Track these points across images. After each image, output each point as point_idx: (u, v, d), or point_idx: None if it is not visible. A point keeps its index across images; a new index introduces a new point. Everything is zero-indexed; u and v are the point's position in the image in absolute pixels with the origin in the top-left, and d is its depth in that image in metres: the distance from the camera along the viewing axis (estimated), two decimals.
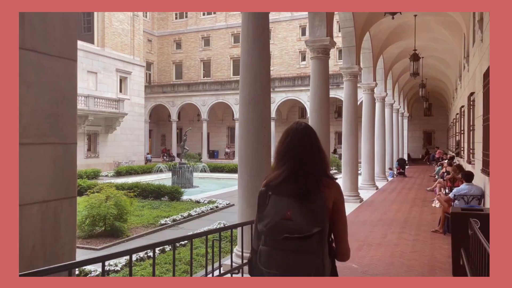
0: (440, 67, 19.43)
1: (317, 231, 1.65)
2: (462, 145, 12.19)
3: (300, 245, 1.64)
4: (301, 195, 1.71)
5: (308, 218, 1.66)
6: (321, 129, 8.33)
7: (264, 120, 5.27)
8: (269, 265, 1.68)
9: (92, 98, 23.96)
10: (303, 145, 1.82)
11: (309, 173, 1.77)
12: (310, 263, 1.64)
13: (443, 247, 6.39)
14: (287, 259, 1.64)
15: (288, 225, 1.66)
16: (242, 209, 5.31)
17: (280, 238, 1.66)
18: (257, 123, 5.21)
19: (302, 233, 1.63)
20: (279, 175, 1.81)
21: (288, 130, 1.90)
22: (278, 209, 1.71)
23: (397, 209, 10.12)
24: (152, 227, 9.16)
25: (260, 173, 5.21)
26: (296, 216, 1.66)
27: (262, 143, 5.24)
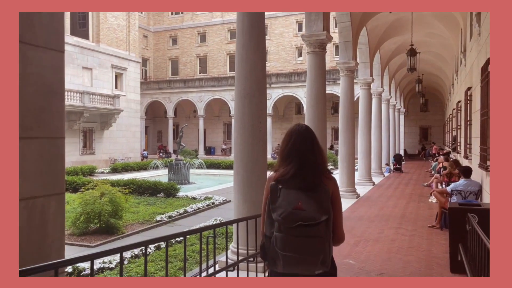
0: (437, 62, 19.40)
1: (325, 219, 1.94)
2: (458, 140, 12.16)
3: (311, 231, 1.91)
4: (308, 188, 1.99)
5: (317, 207, 1.94)
6: (318, 125, 8.26)
7: (260, 114, 5.19)
8: (285, 248, 1.93)
9: (88, 94, 23.78)
10: (306, 145, 2.09)
11: (314, 169, 2.05)
12: (320, 246, 1.92)
13: (440, 242, 6.36)
14: (300, 243, 1.91)
15: (300, 214, 1.92)
16: (238, 205, 5.24)
17: (294, 226, 1.92)
18: (253, 118, 5.14)
19: (313, 220, 1.91)
20: (287, 172, 2.06)
21: (291, 132, 2.16)
22: (290, 201, 1.96)
23: (394, 204, 10.10)
24: (148, 224, 9.09)
25: (256, 168, 5.15)
26: (306, 206, 1.93)
27: (258, 138, 5.17)
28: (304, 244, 1.92)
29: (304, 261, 1.93)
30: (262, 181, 5.24)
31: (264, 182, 5.23)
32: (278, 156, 2.18)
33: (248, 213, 5.12)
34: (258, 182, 5.16)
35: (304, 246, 1.92)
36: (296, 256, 1.92)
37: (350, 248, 5.96)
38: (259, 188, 5.18)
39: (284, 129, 38.74)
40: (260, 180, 5.20)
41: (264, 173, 5.31)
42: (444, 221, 7.25)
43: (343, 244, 5.23)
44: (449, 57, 16.69)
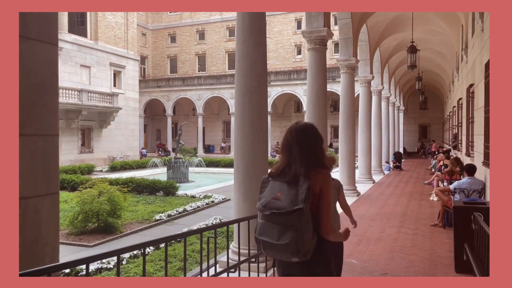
0: (436, 60, 19.31)
1: (296, 209, 2.00)
2: (459, 138, 12.09)
3: (282, 219, 2.03)
4: (290, 181, 2.10)
5: (291, 198, 2.04)
6: (319, 122, 8.16)
7: (261, 111, 5.09)
8: (261, 233, 2.11)
9: (86, 92, 23.63)
10: (297, 141, 2.19)
11: (300, 164, 2.14)
12: (289, 233, 2.01)
13: (443, 241, 6.28)
14: (272, 229, 2.05)
15: (276, 203, 2.07)
16: (239, 203, 5.15)
17: (268, 213, 2.08)
18: (254, 115, 5.04)
19: (283, 209, 2.03)
20: (278, 166, 2.24)
21: (288, 129, 2.29)
22: (272, 191, 2.13)
23: (395, 202, 10.02)
24: (147, 223, 8.99)
25: (257, 166, 5.05)
26: (284, 197, 2.06)
27: (259, 135, 5.07)
28: (275, 230, 2.06)
29: (276, 247, 2.06)
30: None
31: None
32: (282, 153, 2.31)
33: (249, 212, 5.02)
34: (259, 180, 5.06)
35: (275, 233, 2.06)
36: (270, 242, 2.07)
37: (352, 247, 5.87)
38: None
39: (284, 127, 38.66)
40: (261, 178, 5.09)
41: (265, 171, 5.22)
42: (446, 219, 7.18)
43: (345, 243, 5.17)
44: (449, 54, 16.61)
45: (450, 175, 9.93)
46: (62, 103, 22.11)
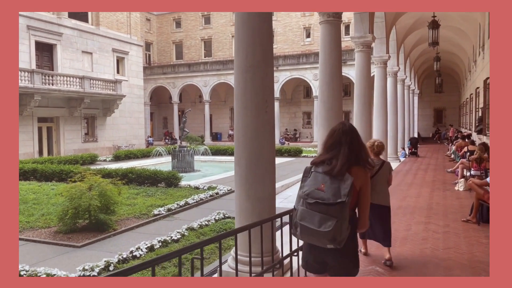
0: (455, 38, 18.08)
1: (340, 202, 2.23)
2: (487, 122, 11.08)
3: (324, 209, 2.25)
4: (333, 174, 2.32)
5: (334, 191, 2.26)
6: (333, 104, 7.24)
7: (266, 91, 4.20)
8: (302, 218, 2.31)
9: (88, 79, 22.85)
10: (344, 141, 2.41)
11: (345, 161, 2.35)
12: (330, 222, 2.21)
13: (481, 241, 5.39)
14: (314, 217, 2.26)
15: (319, 194, 2.29)
16: (241, 201, 4.31)
17: (312, 202, 2.29)
18: (257, 96, 4.15)
19: (328, 201, 2.25)
20: (322, 159, 2.42)
21: (333, 129, 2.53)
22: (315, 182, 2.34)
23: (417, 193, 9.10)
24: (144, 218, 8.23)
25: (262, 157, 4.19)
26: (327, 189, 2.28)
27: (264, 121, 4.19)
28: (316, 218, 2.22)
29: (315, 233, 2.22)
30: (269, 173, 4.29)
31: (272, 173, 4.26)
32: (321, 148, 2.57)
33: (253, 213, 4.19)
34: (265, 174, 4.21)
35: (316, 220, 2.22)
36: (310, 228, 2.23)
37: (375, 249, 5.00)
38: (266, 181, 4.25)
39: (292, 113, 37.66)
40: (267, 171, 4.25)
41: (272, 163, 4.36)
42: (481, 214, 6.27)
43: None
44: (470, 30, 15.40)
45: (478, 163, 8.97)
46: (64, 90, 21.41)
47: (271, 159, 4.33)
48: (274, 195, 4.48)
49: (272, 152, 4.36)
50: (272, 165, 4.34)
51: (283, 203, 9.58)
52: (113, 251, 6.20)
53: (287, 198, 10.13)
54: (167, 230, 7.14)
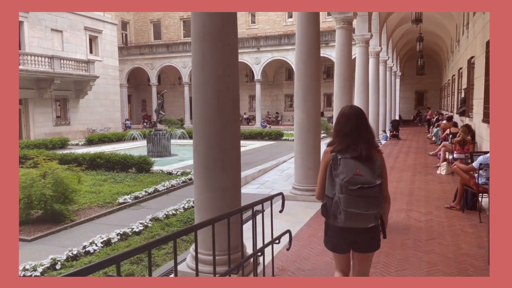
0: (439, 18, 17.64)
1: (379, 183, 2.38)
2: (470, 103, 10.75)
3: (369, 192, 2.35)
4: (363, 158, 2.42)
5: (371, 174, 2.39)
6: (311, 83, 6.70)
7: (229, 64, 3.61)
8: (348, 206, 2.36)
9: (58, 59, 21.64)
10: (361, 124, 2.52)
11: (367, 143, 2.48)
12: (375, 204, 2.38)
13: (466, 231, 5.00)
14: (361, 201, 2.35)
15: (359, 179, 2.36)
16: (200, 193, 3.75)
17: (355, 188, 2.35)
18: (217, 69, 3.55)
19: (370, 184, 2.36)
20: (346, 146, 2.47)
21: (347, 114, 2.55)
22: (349, 168, 2.39)
23: (398, 178, 8.73)
24: (109, 207, 7.62)
25: (224, 142, 3.62)
26: (363, 172, 2.38)
27: (226, 98, 3.61)
28: (363, 202, 2.35)
29: (363, 216, 2.36)
30: (233, 159, 3.73)
31: (236, 159, 3.70)
32: (334, 132, 2.59)
33: (213, 206, 3.64)
34: (228, 160, 3.65)
35: (363, 204, 2.35)
36: (357, 212, 2.35)
37: None
38: (229, 168, 3.69)
39: (274, 96, 37.00)
40: (231, 157, 3.69)
41: (236, 147, 3.80)
42: (465, 201, 5.89)
43: None
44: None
45: (461, 145, 8.62)
46: (31, 71, 20.22)
47: (235, 143, 3.77)
48: (239, 184, 3.94)
49: (237, 135, 3.80)
50: (236, 149, 3.78)
51: (260, 189, 9.09)
52: (67, 245, 5.60)
53: (264, 184, 9.63)
54: (131, 220, 6.56)
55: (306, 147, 6.79)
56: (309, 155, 6.80)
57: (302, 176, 6.83)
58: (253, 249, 3.44)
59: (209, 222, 2.96)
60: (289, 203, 6.63)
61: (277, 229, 5.28)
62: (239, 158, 3.89)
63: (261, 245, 3.53)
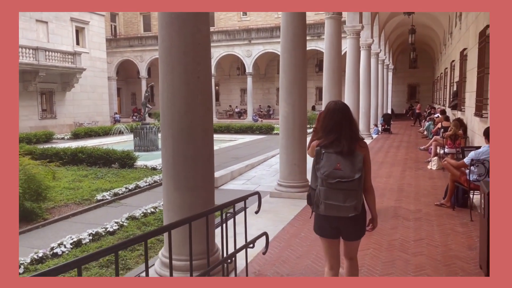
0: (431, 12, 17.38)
1: (358, 177, 2.48)
2: (462, 96, 10.51)
3: (347, 185, 2.47)
4: (345, 153, 2.53)
5: (351, 168, 2.50)
6: (297, 75, 6.39)
7: (199, 51, 3.28)
8: (327, 198, 2.51)
9: (42, 50, 21.06)
10: (344, 119, 2.61)
11: (350, 138, 2.58)
12: (353, 196, 2.48)
13: (456, 230, 4.75)
14: (339, 194, 2.49)
15: (339, 173, 2.49)
16: (168, 192, 3.45)
17: (334, 181, 2.49)
18: (186, 56, 3.23)
19: (349, 178, 2.48)
20: (330, 140, 2.58)
21: (332, 110, 2.66)
22: (331, 163, 2.52)
23: (388, 173, 8.49)
24: (86, 204, 7.27)
25: (195, 136, 3.31)
26: (343, 167, 2.50)
27: (196, 89, 3.29)
28: (341, 195, 2.48)
29: (341, 208, 2.49)
30: (205, 156, 3.42)
31: (209, 156, 3.39)
32: (319, 127, 2.71)
33: (183, 207, 3.35)
34: (199, 157, 3.34)
35: (341, 197, 2.48)
36: (336, 204, 2.50)
37: None
38: (201, 166, 3.38)
39: (266, 89, 36.62)
40: (203, 154, 3.38)
41: (209, 143, 3.48)
42: (456, 198, 5.64)
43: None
44: None
45: (453, 140, 8.39)
46: None
47: (207, 138, 3.45)
48: (212, 183, 3.63)
49: (209, 129, 3.48)
50: (208, 145, 3.47)
51: (246, 185, 8.79)
52: (37, 246, 5.26)
53: (251, 179, 9.33)
54: (109, 219, 6.22)
55: (291, 142, 6.49)
56: (294, 150, 6.50)
57: (287, 172, 6.54)
58: (222, 256, 3.15)
59: (173, 225, 2.66)
60: (273, 200, 6.38)
61: (259, 228, 5.02)
62: (212, 154, 3.58)
63: (238, 249, 3.24)
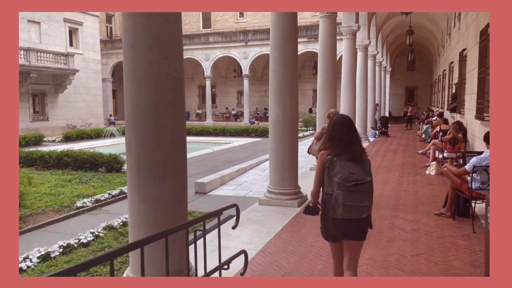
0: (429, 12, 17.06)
1: (370, 180, 2.74)
2: (461, 98, 10.14)
3: (362, 187, 2.70)
4: (356, 159, 2.76)
5: (363, 172, 2.73)
6: (288, 75, 6.02)
7: (168, 43, 2.89)
8: (346, 200, 2.66)
9: (34, 51, 20.63)
10: (351, 130, 2.88)
11: (358, 147, 2.84)
12: (367, 197, 2.73)
13: (458, 243, 4.35)
14: (356, 196, 2.68)
15: (354, 177, 2.69)
16: (133, 205, 3.04)
17: (351, 185, 2.68)
18: (152, 50, 2.84)
19: (363, 181, 2.70)
20: (340, 150, 2.78)
21: (340, 122, 2.89)
22: (344, 168, 2.70)
23: (384, 179, 8.09)
24: (65, 212, 6.86)
25: (163, 141, 2.91)
26: (357, 171, 2.71)
27: (165, 87, 2.90)
28: (358, 196, 2.69)
29: (358, 208, 2.69)
30: (177, 163, 3.03)
31: (181, 163, 3.02)
32: (328, 138, 2.90)
33: (148, 222, 2.94)
34: (169, 164, 2.95)
35: (358, 198, 2.68)
36: (354, 205, 2.68)
37: (315, 259, 3.86)
38: (171, 175, 2.98)
39: (263, 91, 36.16)
40: (174, 161, 2.98)
41: (181, 148, 3.08)
42: (456, 207, 5.25)
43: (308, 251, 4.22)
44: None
45: (452, 144, 8.01)
46: None
47: (178, 142, 3.06)
48: (185, 194, 3.23)
49: (181, 132, 3.08)
50: (180, 150, 3.07)
51: (236, 190, 8.39)
52: None
53: (242, 185, 8.93)
54: (87, 228, 5.81)
55: (281, 145, 6.10)
56: (285, 154, 6.11)
57: (277, 178, 6.14)
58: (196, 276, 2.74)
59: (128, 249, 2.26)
60: (262, 209, 5.97)
61: (243, 241, 4.61)
62: (185, 160, 3.18)
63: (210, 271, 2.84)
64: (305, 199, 6.31)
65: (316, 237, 4.60)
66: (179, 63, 3.02)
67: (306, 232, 4.85)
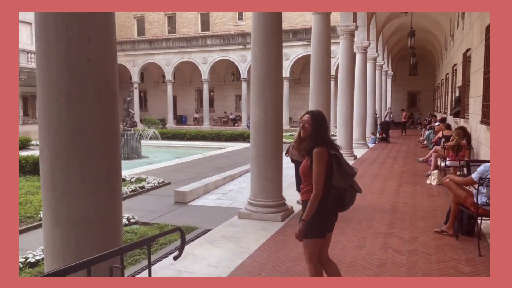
0: (432, 14, 16.45)
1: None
2: (466, 102, 9.46)
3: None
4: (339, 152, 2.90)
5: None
6: (270, 73, 5.36)
7: (90, 19, 2.25)
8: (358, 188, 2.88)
9: (24, 52, 20.14)
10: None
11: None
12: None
13: (462, 270, 3.67)
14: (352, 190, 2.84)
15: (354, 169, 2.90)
16: (46, 227, 2.39)
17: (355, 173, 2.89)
18: (69, 29, 2.20)
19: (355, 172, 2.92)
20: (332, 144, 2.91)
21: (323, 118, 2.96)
22: (345, 160, 2.83)
23: (381, 189, 7.41)
24: (28, 223, 6.22)
25: (82, 148, 2.27)
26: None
27: (85, 78, 2.25)
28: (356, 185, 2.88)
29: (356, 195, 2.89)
30: (103, 173, 2.37)
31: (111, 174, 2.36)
32: (318, 135, 2.85)
33: (64, 251, 2.29)
34: (91, 177, 2.30)
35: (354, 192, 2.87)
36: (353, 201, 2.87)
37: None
38: (96, 190, 2.33)
39: (302, 94, 34.32)
40: (99, 173, 2.33)
41: (112, 155, 2.43)
42: (460, 224, 4.57)
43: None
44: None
45: (455, 151, 7.33)
46: None
47: (106, 149, 2.40)
48: (119, 211, 2.57)
49: (109, 135, 2.43)
50: (108, 159, 2.42)
51: (220, 200, 7.73)
52: None
53: (227, 194, 8.26)
54: (36, 243, 5.17)
55: (263, 152, 5.44)
56: (267, 162, 5.45)
57: (259, 189, 5.48)
58: None
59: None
60: (240, 223, 5.30)
61: (209, 264, 3.93)
62: (118, 169, 2.52)
63: None
64: (290, 211, 5.64)
65: (296, 259, 3.94)
66: (105, 47, 2.37)
67: (285, 253, 4.17)
